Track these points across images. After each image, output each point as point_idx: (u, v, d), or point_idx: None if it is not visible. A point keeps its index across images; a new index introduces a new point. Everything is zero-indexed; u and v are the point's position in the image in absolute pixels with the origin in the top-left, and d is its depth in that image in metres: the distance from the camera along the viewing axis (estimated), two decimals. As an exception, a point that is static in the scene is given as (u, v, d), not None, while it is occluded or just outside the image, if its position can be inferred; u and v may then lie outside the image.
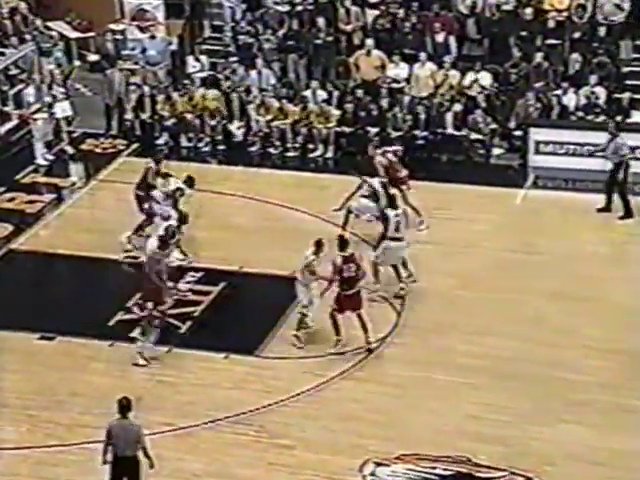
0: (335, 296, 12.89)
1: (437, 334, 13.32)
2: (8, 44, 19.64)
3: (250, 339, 13.35)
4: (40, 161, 18.34)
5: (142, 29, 21.03)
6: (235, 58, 19.65)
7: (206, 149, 18.86)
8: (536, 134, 17.80)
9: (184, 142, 19.03)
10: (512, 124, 18.34)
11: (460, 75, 18.84)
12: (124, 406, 10.15)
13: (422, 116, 18.48)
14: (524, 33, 19.05)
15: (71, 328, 13.40)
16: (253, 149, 18.88)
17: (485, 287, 14.30)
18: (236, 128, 18.87)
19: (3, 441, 11.54)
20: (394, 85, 19.00)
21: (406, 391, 12.33)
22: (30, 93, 18.44)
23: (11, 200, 17.11)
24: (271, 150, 18.79)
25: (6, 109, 18.77)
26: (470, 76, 18.74)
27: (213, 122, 18.86)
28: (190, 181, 15.10)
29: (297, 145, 18.75)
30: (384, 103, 18.70)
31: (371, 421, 11.82)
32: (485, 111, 18.27)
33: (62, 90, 18.74)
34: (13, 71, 19.27)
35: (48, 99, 18.63)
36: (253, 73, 19.35)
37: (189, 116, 18.91)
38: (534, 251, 15.20)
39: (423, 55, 18.96)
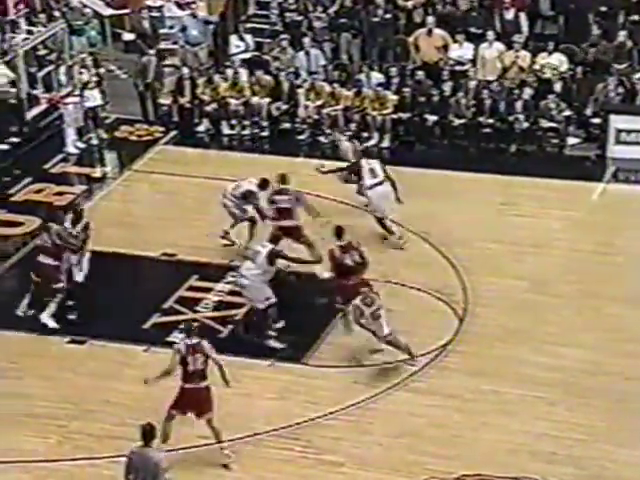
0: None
1: (504, 342, 13.24)
2: (37, 22, 19.89)
3: (297, 345, 13.39)
4: (70, 149, 18.58)
5: (181, 6, 21.20)
6: (285, 36, 19.70)
7: (249, 136, 18.93)
8: (616, 122, 17.61)
9: (226, 129, 19.15)
10: (589, 111, 18.16)
11: (531, 56, 18.71)
12: (147, 432, 10.01)
13: (488, 102, 18.38)
14: (604, 8, 18.85)
15: (103, 331, 13.56)
16: (302, 137, 18.94)
17: (557, 291, 14.19)
18: (276, 108, 18.91)
19: (30, 453, 11.71)
20: (457, 67, 18.93)
21: (469, 405, 12.28)
22: (61, 75, 18.66)
23: (39, 191, 17.36)
24: (321, 139, 18.84)
25: (35, 92, 19.00)
26: (543, 57, 18.60)
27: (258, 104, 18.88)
28: (264, 184, 14.95)
29: (350, 133, 18.77)
30: (446, 87, 18.64)
31: (430, 437, 11.80)
32: (559, 96, 18.11)
33: (93, 75, 18.95)
34: (42, 51, 19.48)
35: (79, 82, 18.85)
36: (300, 54, 19.42)
37: (232, 101, 19.03)
38: (612, 252, 15.04)
39: (491, 34, 18.86)
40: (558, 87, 18.25)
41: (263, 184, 14.92)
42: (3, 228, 16.34)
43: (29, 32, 19.51)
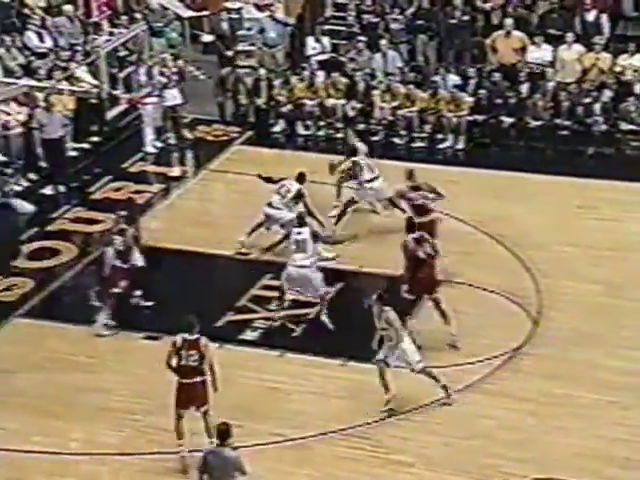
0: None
1: (578, 346, 13.17)
2: (118, 23, 20.29)
3: (369, 345, 13.46)
4: (149, 149, 18.94)
5: (260, 8, 21.44)
6: (362, 38, 19.81)
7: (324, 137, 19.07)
8: (698, 124, 17.40)
9: (301, 130, 19.33)
10: (671, 113, 17.97)
11: (612, 58, 18.53)
12: (222, 432, 10.14)
13: (566, 104, 18.25)
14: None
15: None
16: (376, 138, 19.02)
17: (634, 295, 14.05)
18: (350, 108, 19.02)
19: (106, 446, 11.98)
20: (535, 70, 18.84)
21: (542, 408, 12.24)
22: (141, 76, 19.01)
23: (118, 190, 17.74)
24: (396, 140, 18.90)
25: (115, 92, 19.38)
26: (624, 59, 18.41)
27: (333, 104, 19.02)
28: (301, 178, 15.23)
29: (424, 135, 18.80)
30: (524, 89, 18.56)
31: (502, 439, 11.78)
32: (639, 98, 17.93)
33: (174, 75, 19.31)
34: (122, 52, 19.89)
35: (159, 83, 19.20)
36: (377, 56, 19.51)
37: (308, 102, 19.20)
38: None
39: (570, 36, 18.75)
40: (638, 89, 18.03)
41: (301, 178, 15.12)
42: (83, 225, 16.72)
43: (111, 34, 19.90)
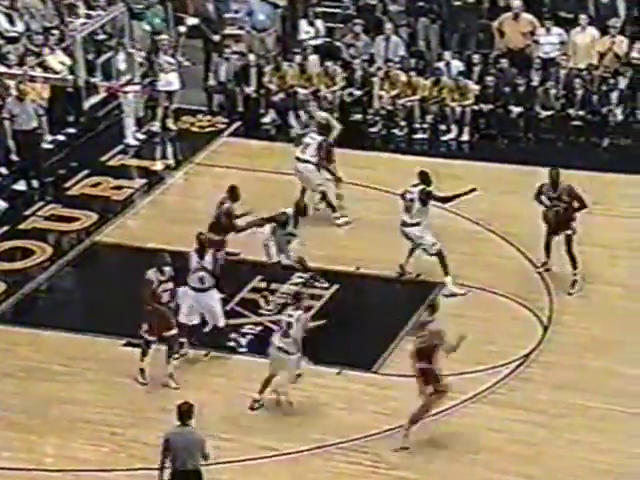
0: None
1: (593, 353, 13.13)
2: (95, 5, 20.19)
3: (367, 352, 13.41)
4: (130, 141, 18.84)
5: (248, -12, 21.33)
6: (358, 21, 19.73)
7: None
8: None
9: (293, 121, 19.24)
10: (692, 102, 17.92)
11: (629, 42, 18.47)
12: (184, 412, 10.42)
13: (579, 92, 18.20)
14: None
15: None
16: (374, 130, 18.95)
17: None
18: (348, 94, 18.94)
19: (82, 462, 11.87)
20: (546, 55, 18.78)
21: (554, 420, 12.19)
22: (120, 62, 18.91)
23: (96, 185, 17.62)
24: (395, 131, 18.84)
25: (93, 80, 19.29)
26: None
27: (329, 96, 18.99)
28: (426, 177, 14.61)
29: (426, 126, 18.73)
30: (534, 76, 18.50)
31: (511, 453, 11.73)
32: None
33: (170, 60, 19.21)
34: (101, 36, 19.79)
35: (142, 69, 19.12)
36: (379, 39, 19.41)
37: (301, 90, 19.11)
38: None
39: (583, 18, 18.69)
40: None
41: (425, 178, 14.55)
42: (58, 223, 16.62)
43: (88, 16, 19.81)
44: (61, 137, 18.80)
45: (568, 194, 14.30)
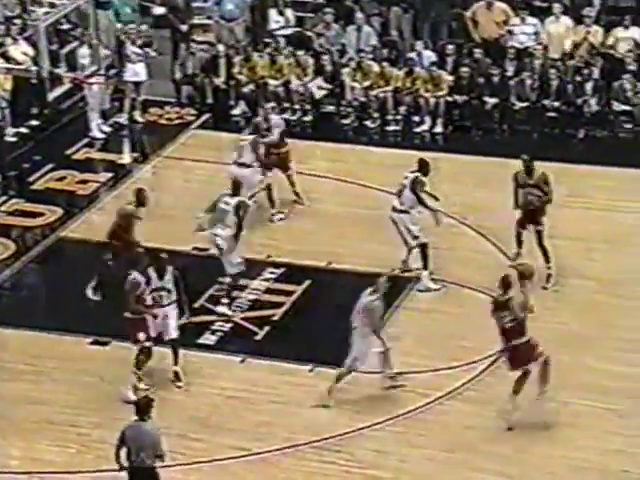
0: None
1: (569, 348, 13.09)
2: (59, -6, 20.04)
3: (340, 349, 13.35)
4: (95, 133, 18.71)
5: (216, -23, 21.23)
6: (329, 10, 19.68)
7: (292, 119, 18.92)
8: (699, 104, 17.46)
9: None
10: (668, 92, 18.00)
11: (604, 32, 18.52)
12: (142, 407, 10.46)
13: (554, 83, 18.22)
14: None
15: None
16: (346, 121, 18.92)
17: (630, 292, 14.06)
18: (317, 87, 18.89)
19: (48, 464, 11.79)
20: (520, 45, 18.79)
21: (530, 417, 12.16)
22: (84, 53, 18.76)
23: (61, 179, 17.49)
24: (368, 123, 18.80)
25: (57, 71, 19.12)
26: (617, 33, 18.40)
27: (300, 88, 18.94)
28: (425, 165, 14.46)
29: (399, 117, 18.70)
30: (509, 67, 18.50)
31: (486, 452, 11.72)
32: (635, 76, 17.91)
33: (137, 50, 19.09)
34: (65, 26, 19.64)
35: (108, 61, 18.98)
36: (350, 29, 19.37)
37: (271, 82, 19.04)
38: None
39: (557, 7, 18.71)
40: (633, 66, 18.03)
41: (422, 166, 14.42)
42: (22, 219, 16.49)
43: (51, 5, 19.63)
44: (24, 130, 18.67)
45: (545, 182, 14.32)
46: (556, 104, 18.16)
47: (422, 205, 14.41)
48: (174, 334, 12.87)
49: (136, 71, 19.01)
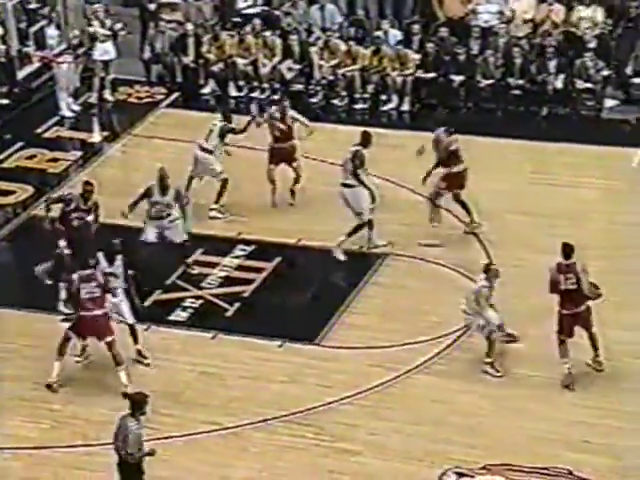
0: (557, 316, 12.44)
1: (532, 322, 13.17)
2: (27, -28, 19.86)
3: (309, 324, 13.41)
4: (65, 112, 18.58)
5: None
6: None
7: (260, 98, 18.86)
8: (659, 81, 17.56)
9: (233, 91, 19.10)
10: (630, 70, 18.04)
11: (566, 10, 18.56)
12: (135, 402, 10.23)
13: (518, 61, 18.25)
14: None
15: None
16: (315, 100, 18.89)
17: (593, 267, 14.04)
18: (287, 68, 18.84)
19: (22, 440, 11.75)
20: (484, 24, 18.81)
21: (495, 390, 12.29)
22: (53, 32, 18.63)
23: (31, 157, 17.37)
24: (336, 101, 18.79)
25: (26, 50, 18.98)
26: (579, 11, 18.45)
27: (267, 68, 18.90)
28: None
29: (367, 96, 18.69)
30: (474, 45, 18.52)
31: (453, 424, 11.80)
32: (597, 54, 17.98)
33: (105, 31, 18.93)
34: (33, 4, 19.46)
35: (76, 40, 18.83)
36: (314, 9, 19.32)
37: (240, 60, 18.96)
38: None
39: (521, -14, 18.83)
40: (594, 44, 18.10)
41: (364, 138, 14.48)
42: (-7, 197, 16.41)
43: (19, -17, 19.48)
44: (-6, 108, 18.54)
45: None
46: (520, 82, 18.21)
47: (356, 179, 14.38)
48: (130, 320, 12.84)
49: (105, 49, 18.86)
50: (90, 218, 13.80)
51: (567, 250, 12.40)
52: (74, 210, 13.86)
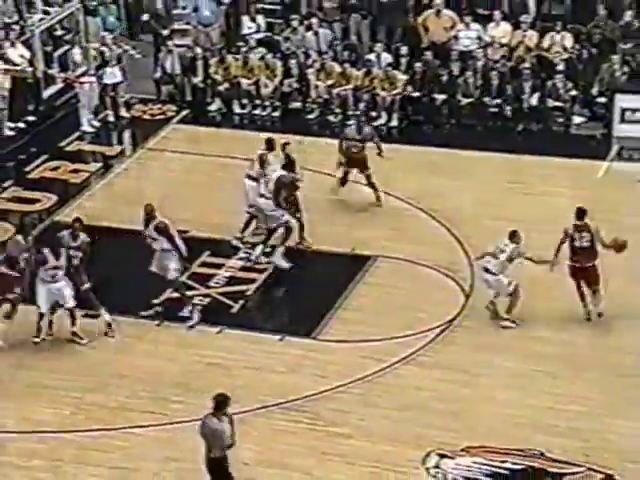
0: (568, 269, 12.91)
1: (514, 318, 13.13)
2: (53, 2, 19.83)
3: (307, 320, 13.37)
4: (86, 128, 18.55)
5: (194, -15, 21.04)
6: (295, 16, 19.60)
7: (262, 114, 18.80)
8: (622, 101, 17.49)
9: (237, 109, 19.08)
10: (595, 90, 18.03)
11: (538, 36, 18.57)
12: (217, 402, 10.08)
13: (495, 82, 18.23)
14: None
15: (117, 306, 13.54)
16: (311, 116, 18.85)
17: (564, 268, 14.08)
18: (287, 85, 18.83)
19: (45, 424, 11.73)
20: (465, 48, 18.79)
21: (474, 379, 12.26)
22: (76, 55, 18.62)
23: (55, 169, 17.35)
24: (330, 118, 18.75)
25: (50, 72, 18.97)
26: (550, 37, 18.44)
27: (269, 88, 18.88)
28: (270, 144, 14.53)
29: (358, 112, 18.65)
30: (455, 67, 18.50)
31: (436, 410, 11.78)
32: (566, 76, 17.97)
33: (113, 54, 18.89)
34: (59, 31, 19.45)
35: (96, 62, 18.81)
36: (309, 34, 19.32)
37: (244, 81, 18.94)
38: (617, 228, 14.89)
39: (497, 14, 18.76)
40: (563, 67, 18.09)
41: (267, 143, 14.58)
42: (20, 205, 16.32)
43: (45, 12, 19.48)
44: (21, 124, 18.49)
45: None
46: (497, 101, 18.17)
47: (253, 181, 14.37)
48: (71, 303, 12.84)
49: (113, 73, 18.80)
50: (79, 254, 13.10)
51: (580, 212, 12.94)
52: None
